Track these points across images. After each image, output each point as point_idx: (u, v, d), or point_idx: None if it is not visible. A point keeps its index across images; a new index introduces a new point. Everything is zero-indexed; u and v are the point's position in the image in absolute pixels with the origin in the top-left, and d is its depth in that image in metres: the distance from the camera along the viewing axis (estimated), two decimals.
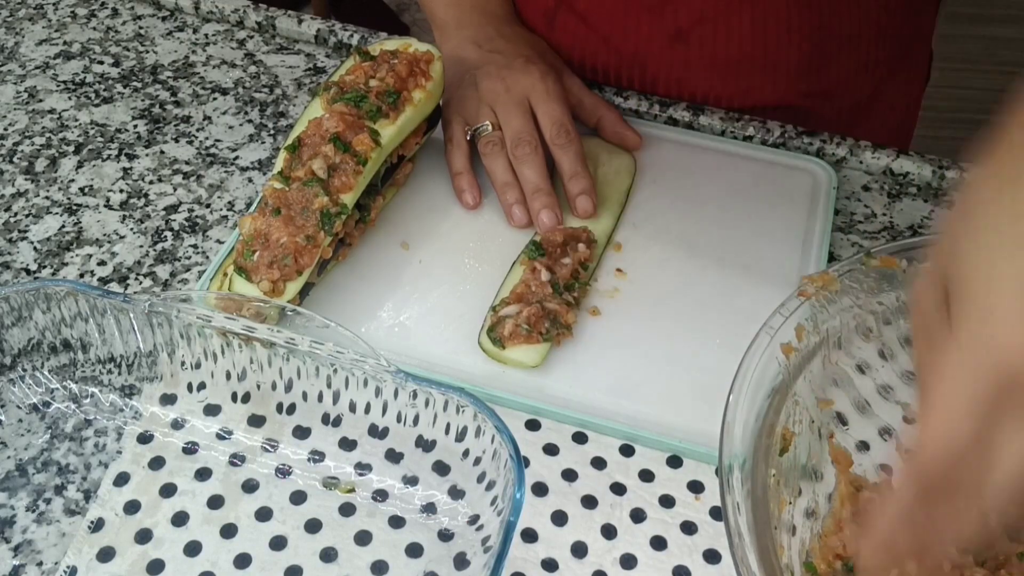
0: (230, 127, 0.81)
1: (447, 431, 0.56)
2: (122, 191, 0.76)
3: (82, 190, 0.76)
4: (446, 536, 0.56)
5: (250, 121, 0.82)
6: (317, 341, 0.56)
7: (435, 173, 0.76)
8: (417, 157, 0.75)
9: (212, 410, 0.61)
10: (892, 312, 0.56)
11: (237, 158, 0.79)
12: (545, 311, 0.64)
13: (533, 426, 0.61)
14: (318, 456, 0.59)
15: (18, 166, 0.78)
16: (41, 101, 0.83)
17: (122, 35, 0.90)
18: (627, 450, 0.60)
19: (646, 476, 0.59)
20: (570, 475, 0.59)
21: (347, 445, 0.59)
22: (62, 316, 0.59)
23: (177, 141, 0.80)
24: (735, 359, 0.52)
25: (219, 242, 0.72)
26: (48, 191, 0.76)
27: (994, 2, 1.61)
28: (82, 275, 0.70)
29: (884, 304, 0.56)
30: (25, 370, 0.61)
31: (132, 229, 0.73)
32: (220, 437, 0.60)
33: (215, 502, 0.58)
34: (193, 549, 0.56)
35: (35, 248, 0.71)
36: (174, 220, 0.74)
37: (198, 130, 0.81)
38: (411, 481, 0.58)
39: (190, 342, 0.59)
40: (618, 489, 0.59)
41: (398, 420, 0.57)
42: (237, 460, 0.59)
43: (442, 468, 0.57)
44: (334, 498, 0.58)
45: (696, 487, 0.59)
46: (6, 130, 0.81)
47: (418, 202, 0.74)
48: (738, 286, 0.68)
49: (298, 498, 0.58)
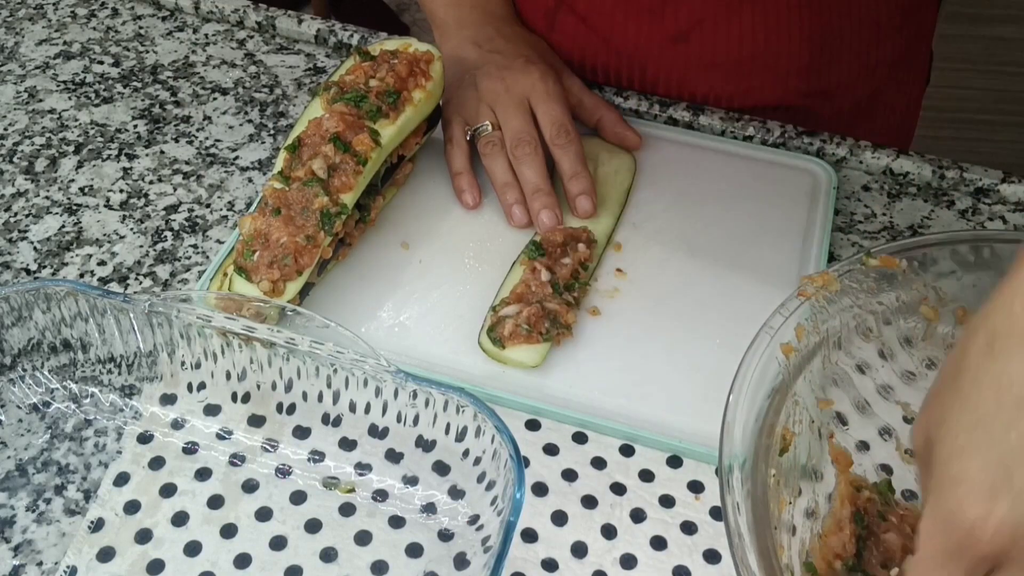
0: (230, 127, 0.81)
1: (447, 431, 0.56)
2: (122, 191, 0.76)
3: (82, 190, 0.76)
4: (446, 536, 0.56)
5: (250, 121, 0.82)
6: (317, 341, 0.56)
7: (435, 173, 0.76)
8: (417, 157, 0.75)
9: (212, 410, 0.61)
10: (892, 312, 0.56)
11: (237, 158, 0.79)
12: (545, 311, 0.64)
13: (533, 426, 0.61)
14: (318, 456, 0.59)
15: (18, 166, 0.78)
16: (41, 101, 0.83)
17: (122, 35, 0.90)
18: (627, 450, 0.60)
19: (646, 476, 0.59)
20: (570, 475, 0.59)
21: (347, 445, 0.59)
22: (62, 316, 0.59)
23: (177, 141, 0.80)
24: (735, 359, 0.52)
25: (219, 242, 0.72)
26: (48, 191, 0.76)
27: (994, 2, 1.61)
28: (82, 275, 0.70)
29: (884, 304, 0.55)
30: (25, 370, 0.61)
31: (132, 229, 0.73)
32: (220, 437, 0.60)
33: (215, 502, 0.58)
34: (193, 549, 0.56)
35: (35, 248, 0.71)
36: (174, 220, 0.74)
37: (198, 130, 0.81)
38: (411, 481, 0.58)
39: (190, 342, 0.59)
40: (618, 489, 0.59)
41: (398, 420, 0.57)
42: (237, 460, 0.59)
43: (442, 468, 0.57)
44: (334, 498, 0.58)
45: (696, 487, 0.59)
46: (6, 130, 0.81)
47: (418, 202, 0.74)
48: (738, 286, 0.68)
49: (298, 498, 0.58)
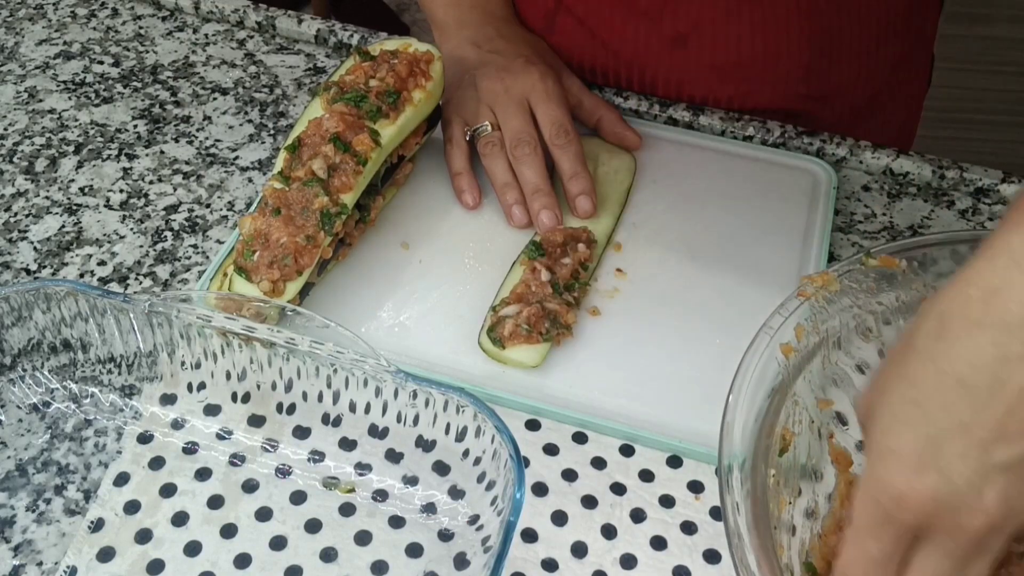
0: (230, 127, 0.81)
1: (447, 431, 0.56)
2: (122, 191, 0.76)
3: (82, 190, 0.76)
4: (446, 536, 0.56)
5: (250, 121, 0.82)
6: (317, 341, 0.56)
7: (435, 173, 0.76)
8: (417, 157, 0.75)
9: (212, 410, 0.61)
10: (892, 312, 0.56)
11: (237, 158, 0.79)
12: (545, 311, 0.64)
13: (533, 426, 0.61)
14: (318, 456, 0.59)
15: (18, 166, 0.78)
16: (41, 101, 0.83)
17: (122, 35, 0.90)
18: (627, 450, 0.60)
19: (646, 476, 0.59)
20: (570, 475, 0.59)
21: (347, 445, 0.59)
22: (62, 316, 0.59)
23: (177, 141, 0.80)
24: (735, 359, 0.52)
25: (219, 242, 0.72)
26: (48, 191, 0.76)
27: (994, 2, 1.61)
28: (82, 275, 0.70)
29: (884, 304, 0.55)
30: (25, 370, 0.61)
31: (132, 229, 0.73)
32: (220, 437, 0.60)
33: (215, 502, 0.58)
34: (193, 549, 0.56)
35: (35, 248, 0.72)
36: (174, 220, 0.74)
37: (198, 130, 0.81)
38: (411, 481, 0.58)
39: (190, 342, 0.59)
40: (618, 489, 0.59)
41: (398, 420, 0.57)
42: (237, 460, 0.59)
43: (442, 468, 0.57)
44: (334, 498, 0.58)
45: (696, 487, 0.59)
46: (6, 130, 0.81)
47: (418, 202, 0.74)
48: (738, 286, 0.68)
49: (298, 498, 0.58)
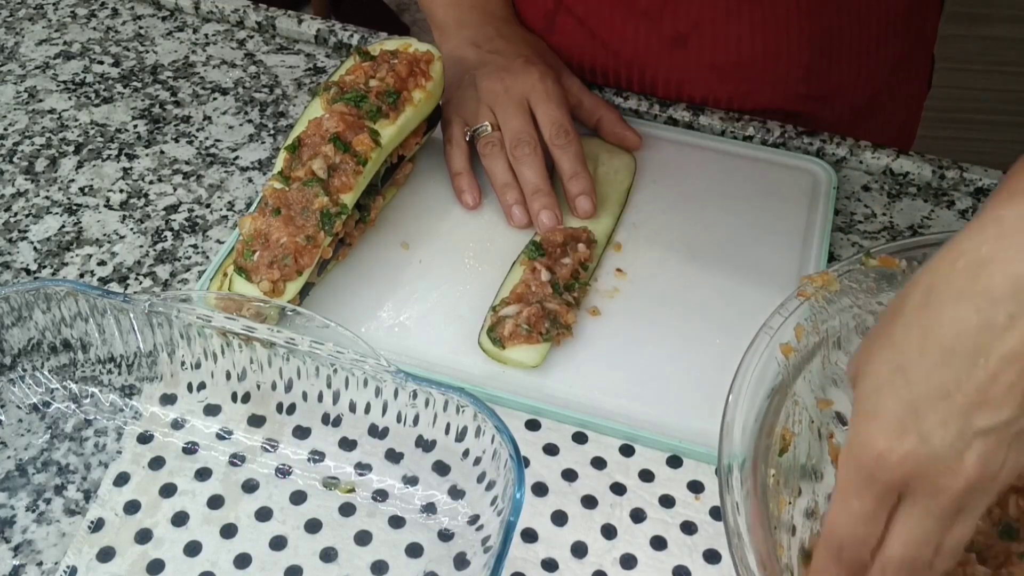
0: (230, 127, 0.81)
1: (447, 431, 0.56)
2: (122, 191, 0.76)
3: (82, 190, 0.76)
4: (446, 536, 0.56)
5: (250, 121, 0.82)
6: (317, 341, 0.56)
7: (435, 173, 0.76)
8: (417, 157, 0.75)
9: (212, 410, 0.61)
10: None
11: (237, 158, 0.79)
12: (545, 311, 0.64)
13: (533, 426, 0.61)
14: (318, 456, 0.59)
15: (18, 166, 0.78)
16: (41, 101, 0.83)
17: (122, 35, 0.90)
18: (627, 450, 0.60)
19: (646, 476, 0.59)
20: (570, 475, 0.59)
21: (347, 445, 0.59)
22: (62, 316, 0.59)
23: (177, 141, 0.80)
24: (735, 359, 0.52)
25: (219, 242, 0.72)
26: (48, 191, 0.76)
27: (994, 2, 1.61)
28: (82, 275, 0.70)
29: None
30: (25, 370, 0.61)
31: (132, 229, 0.73)
32: (220, 437, 0.60)
33: (215, 502, 0.58)
34: (193, 549, 0.56)
35: (35, 248, 0.72)
36: (174, 220, 0.74)
37: (198, 130, 0.81)
38: (411, 481, 0.58)
39: (190, 342, 0.59)
40: (618, 489, 0.59)
41: (398, 420, 0.57)
42: (237, 460, 0.59)
43: (442, 468, 0.57)
44: (334, 498, 0.58)
45: (696, 487, 0.59)
46: (6, 130, 0.81)
47: (418, 202, 0.74)
48: (738, 286, 0.68)
49: (298, 498, 0.58)
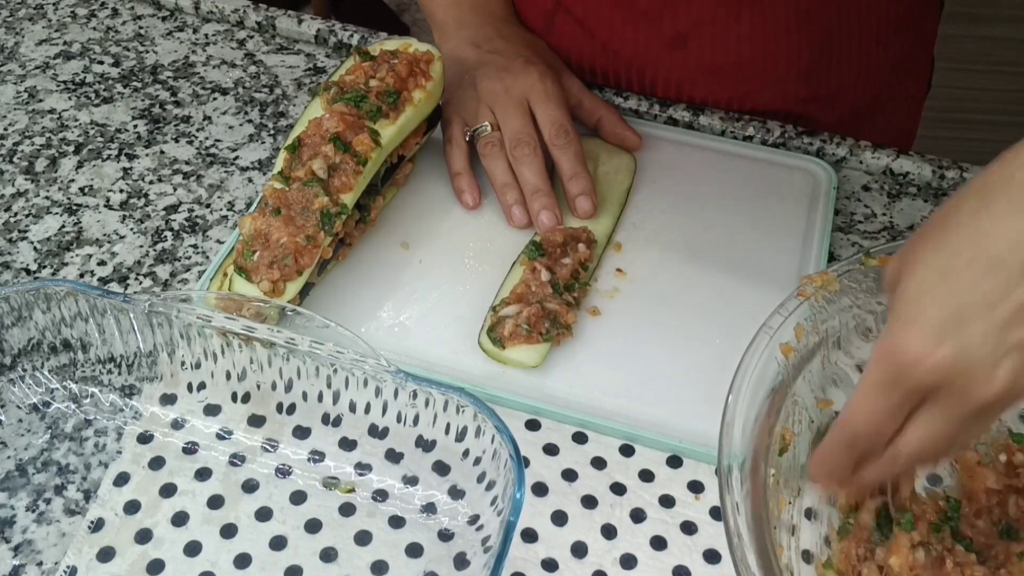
0: (230, 127, 0.81)
1: (447, 431, 0.56)
2: (122, 191, 0.76)
3: (82, 190, 0.76)
4: (446, 536, 0.56)
5: (250, 121, 0.82)
6: (317, 341, 0.56)
7: (435, 173, 0.76)
8: (417, 157, 0.75)
9: (212, 410, 0.61)
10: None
11: (237, 158, 0.79)
12: (545, 311, 0.64)
13: (533, 426, 0.61)
14: (318, 456, 0.59)
15: (18, 166, 0.78)
16: (41, 101, 0.83)
17: (122, 35, 0.90)
18: (627, 450, 0.60)
19: (646, 476, 0.59)
20: (570, 475, 0.59)
21: (347, 445, 0.59)
22: (62, 316, 0.59)
23: (177, 141, 0.80)
24: (735, 359, 0.52)
25: (219, 242, 0.72)
26: (48, 191, 0.76)
27: (994, 2, 1.61)
28: (82, 275, 0.70)
29: (883, 304, 0.55)
30: (25, 370, 0.61)
31: (132, 229, 0.73)
32: (220, 437, 0.60)
33: (215, 502, 0.58)
34: (193, 549, 0.56)
35: (35, 248, 0.72)
36: (174, 220, 0.74)
37: (198, 130, 0.81)
38: (411, 481, 0.58)
39: (190, 342, 0.59)
40: (618, 489, 0.59)
41: (398, 420, 0.57)
42: (237, 460, 0.59)
43: (442, 468, 0.57)
44: (334, 498, 0.58)
45: (696, 487, 0.59)
46: (6, 130, 0.81)
47: (418, 202, 0.74)
48: (738, 286, 0.68)
49: (298, 498, 0.58)
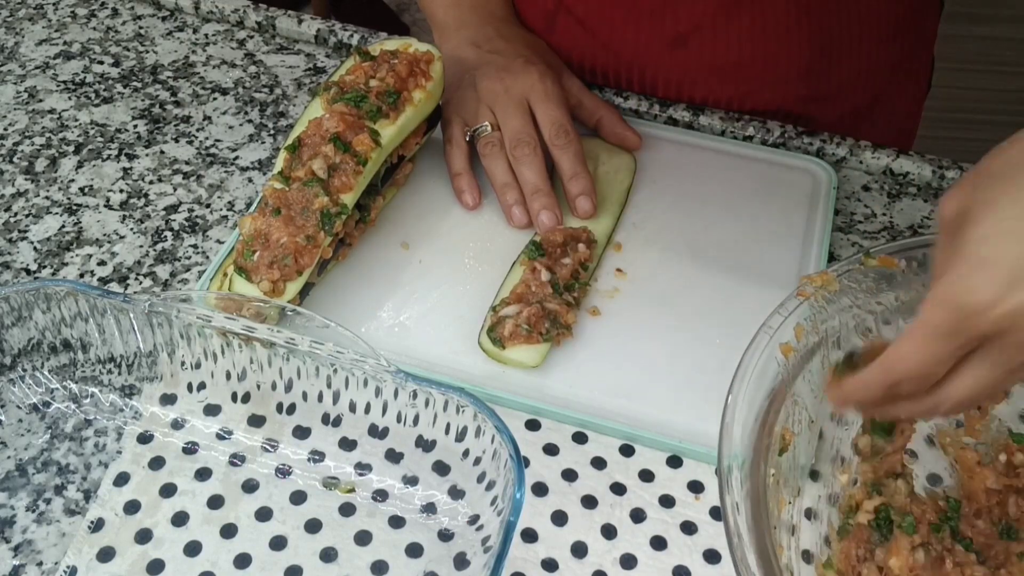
0: (230, 127, 0.81)
1: (447, 431, 0.56)
2: (122, 191, 0.76)
3: (82, 190, 0.76)
4: (446, 536, 0.56)
5: (250, 121, 0.82)
6: (317, 341, 0.56)
7: (435, 173, 0.76)
8: (417, 157, 0.75)
9: (212, 410, 0.61)
10: (891, 312, 0.56)
11: (237, 158, 0.79)
12: (545, 311, 0.64)
13: (533, 426, 0.61)
14: (318, 456, 0.59)
15: (18, 166, 0.78)
16: (41, 101, 0.83)
17: (122, 35, 0.90)
18: (627, 450, 0.60)
19: (646, 476, 0.59)
20: (570, 475, 0.59)
21: (347, 445, 0.59)
22: (62, 316, 0.59)
23: (177, 141, 0.80)
24: (735, 359, 0.52)
25: (219, 242, 0.72)
26: (48, 191, 0.76)
27: (994, 2, 1.61)
28: (82, 275, 0.70)
29: (883, 304, 0.55)
30: (25, 370, 0.61)
31: (132, 229, 0.73)
32: (220, 437, 0.60)
33: (215, 502, 0.58)
34: (193, 549, 0.56)
35: (35, 248, 0.72)
36: (174, 220, 0.74)
37: (198, 130, 0.81)
38: (411, 481, 0.58)
39: (190, 342, 0.59)
40: (618, 489, 0.59)
41: (398, 420, 0.57)
42: (237, 460, 0.59)
43: (442, 468, 0.57)
44: (334, 498, 0.58)
45: (696, 487, 0.59)
46: (6, 130, 0.81)
47: (418, 202, 0.74)
48: (738, 286, 0.68)
49: (298, 498, 0.58)
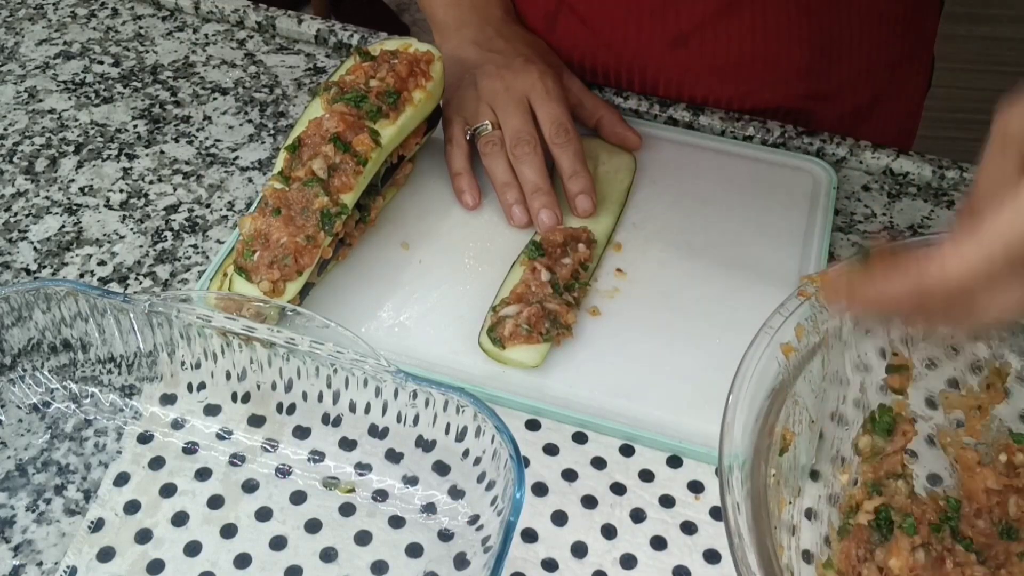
0: (230, 127, 0.81)
1: (447, 431, 0.56)
2: (122, 191, 0.76)
3: (82, 190, 0.76)
4: (446, 536, 0.56)
5: (250, 121, 0.82)
6: (317, 341, 0.56)
7: (435, 173, 0.76)
8: (417, 157, 0.75)
9: (212, 410, 0.61)
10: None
11: (237, 158, 0.79)
12: (545, 311, 0.64)
13: (533, 426, 0.61)
14: (318, 456, 0.59)
15: (18, 166, 0.78)
16: (41, 101, 0.83)
17: (122, 35, 0.90)
18: (627, 450, 0.60)
19: (646, 476, 0.59)
20: (570, 475, 0.59)
21: (347, 445, 0.59)
22: (62, 316, 0.59)
23: (177, 141, 0.80)
24: (735, 359, 0.51)
25: (219, 242, 0.72)
26: (48, 191, 0.76)
27: (994, 2, 1.61)
28: (82, 275, 0.70)
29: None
30: (25, 370, 0.61)
31: (132, 229, 0.73)
32: (220, 437, 0.60)
33: (215, 502, 0.58)
34: (193, 549, 0.56)
35: (35, 248, 0.71)
36: (174, 220, 0.74)
37: (198, 130, 0.81)
38: (411, 481, 0.58)
39: (190, 342, 0.59)
40: (618, 489, 0.59)
41: (398, 420, 0.57)
42: (237, 460, 0.59)
43: (442, 468, 0.57)
44: (334, 498, 0.58)
45: (696, 487, 0.59)
46: (6, 130, 0.81)
47: (418, 202, 0.74)
48: (738, 286, 0.68)
49: (298, 498, 0.58)
